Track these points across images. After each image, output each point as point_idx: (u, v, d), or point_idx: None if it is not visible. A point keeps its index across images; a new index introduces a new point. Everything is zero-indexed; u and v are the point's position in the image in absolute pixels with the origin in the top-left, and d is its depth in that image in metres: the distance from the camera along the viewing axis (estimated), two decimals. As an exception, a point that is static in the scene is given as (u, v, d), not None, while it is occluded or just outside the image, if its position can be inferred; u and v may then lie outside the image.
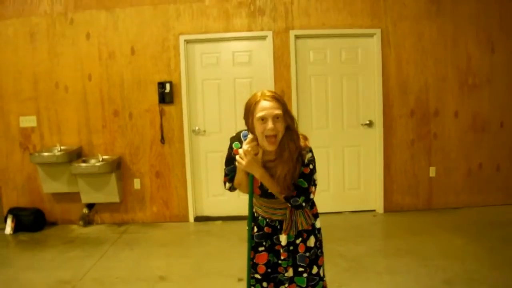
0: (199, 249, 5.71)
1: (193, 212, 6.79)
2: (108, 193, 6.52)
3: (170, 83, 6.52)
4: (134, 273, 4.95)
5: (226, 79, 6.61)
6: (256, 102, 2.58)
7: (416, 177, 6.80)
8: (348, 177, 6.86)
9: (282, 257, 2.81)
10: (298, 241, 2.83)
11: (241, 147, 2.70)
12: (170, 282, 4.72)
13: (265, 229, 2.88)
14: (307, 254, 2.84)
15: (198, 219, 6.80)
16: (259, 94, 2.60)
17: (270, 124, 2.52)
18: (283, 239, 2.79)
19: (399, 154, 6.74)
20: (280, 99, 2.59)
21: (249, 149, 2.59)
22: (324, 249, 2.99)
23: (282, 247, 2.80)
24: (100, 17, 6.54)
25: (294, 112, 6.45)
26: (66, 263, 5.32)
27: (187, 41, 6.55)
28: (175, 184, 6.74)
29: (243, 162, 2.61)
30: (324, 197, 6.75)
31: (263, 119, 2.54)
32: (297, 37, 6.55)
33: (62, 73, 6.62)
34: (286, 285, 2.85)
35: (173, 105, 6.59)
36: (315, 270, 2.88)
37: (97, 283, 4.70)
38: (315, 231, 2.89)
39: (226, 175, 2.91)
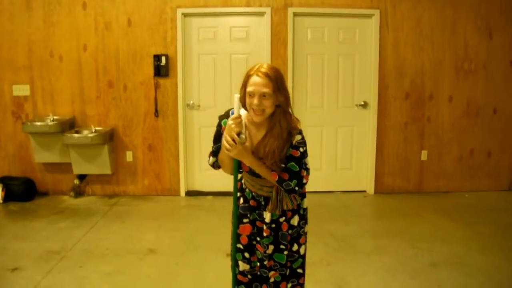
0: (189, 223, 5.73)
1: (185, 186, 6.80)
2: (100, 165, 6.50)
3: (166, 56, 6.48)
4: (124, 245, 4.95)
5: (222, 54, 6.57)
6: (249, 76, 2.56)
7: (408, 160, 6.83)
8: (341, 157, 6.89)
9: (264, 234, 2.81)
10: (281, 220, 2.83)
11: None
12: (160, 254, 4.73)
13: (251, 202, 2.88)
14: (289, 231, 2.85)
15: (189, 193, 6.81)
16: (255, 67, 2.57)
17: (255, 100, 2.51)
18: (267, 216, 2.80)
19: (392, 136, 6.76)
20: (272, 77, 2.53)
21: (233, 125, 2.56)
22: (315, 228, 3.03)
23: (266, 224, 2.81)
24: (97, -13, 6.48)
25: (289, 90, 6.42)
26: (56, 233, 5.31)
27: (185, 14, 6.49)
28: (168, 157, 6.73)
29: (232, 152, 2.59)
30: (316, 176, 6.74)
31: (251, 94, 2.53)
32: (295, 14, 6.51)
33: (57, 43, 6.55)
34: (266, 261, 2.86)
35: (168, 79, 6.56)
36: (295, 247, 2.89)
37: (87, 254, 4.70)
38: (299, 210, 2.88)
39: (212, 152, 2.92)
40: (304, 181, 2.69)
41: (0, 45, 6.54)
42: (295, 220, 2.85)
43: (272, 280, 2.90)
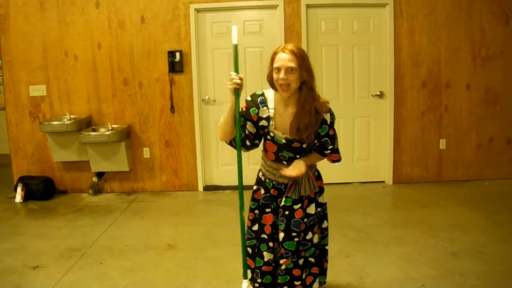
0: (207, 218, 5.74)
1: (202, 181, 6.82)
2: (118, 162, 6.54)
3: (180, 52, 6.49)
4: (143, 241, 4.98)
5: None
6: (275, 53, 2.76)
7: (426, 149, 6.77)
8: (358, 148, 6.85)
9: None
10: (296, 207, 2.91)
11: (257, 113, 2.85)
12: (179, 250, 4.75)
13: (271, 191, 2.98)
14: (305, 220, 2.94)
15: (207, 188, 6.83)
16: (281, 46, 2.78)
17: (281, 74, 2.68)
18: (282, 200, 2.93)
19: (410, 126, 6.70)
20: (297, 53, 2.70)
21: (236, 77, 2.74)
22: (333, 220, 3.05)
23: (280, 208, 2.94)
24: (109, -15, 6.50)
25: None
26: (76, 231, 5.36)
27: (198, 10, 6.49)
28: (185, 153, 6.75)
29: (294, 172, 2.78)
30: (334, 168, 6.68)
31: (278, 69, 2.69)
32: (308, 6, 6.47)
33: (72, 42, 6.59)
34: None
35: (183, 74, 6.56)
36: (309, 236, 2.97)
37: (107, 251, 4.73)
38: (317, 201, 3.02)
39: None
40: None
41: (15, 46, 6.59)
42: (311, 209, 2.97)
43: (283, 267, 2.96)
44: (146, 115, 6.68)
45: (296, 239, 2.91)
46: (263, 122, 2.84)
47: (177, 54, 6.48)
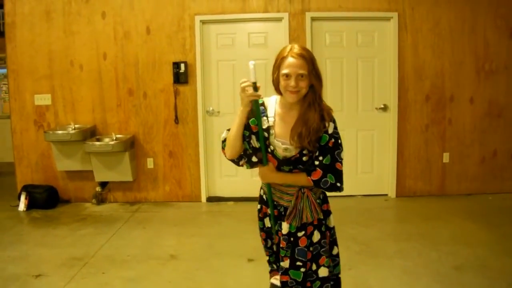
0: (210, 229, 5.74)
1: (206, 192, 6.82)
2: (121, 172, 6.55)
3: (185, 63, 6.52)
4: (145, 251, 4.98)
5: (241, 61, 6.56)
6: (283, 58, 2.55)
7: (429, 163, 6.77)
8: (361, 161, 6.85)
9: (281, 246, 2.71)
10: (300, 234, 2.67)
11: (256, 124, 2.63)
12: (181, 260, 4.75)
13: (274, 211, 2.78)
14: (311, 248, 2.68)
15: (211, 199, 6.83)
16: (288, 49, 2.56)
17: (292, 82, 2.49)
18: (284, 227, 2.69)
19: (413, 139, 6.70)
20: (307, 58, 2.52)
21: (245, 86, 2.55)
22: (336, 232, 2.88)
23: (282, 235, 2.70)
24: (116, -4, 6.55)
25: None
26: (79, 240, 5.36)
27: (203, 22, 6.53)
28: (188, 164, 6.76)
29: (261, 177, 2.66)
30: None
31: (287, 75, 2.51)
32: (313, 19, 6.51)
33: (77, 52, 6.63)
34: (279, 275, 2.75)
35: (187, 85, 6.59)
36: (314, 267, 2.71)
37: (109, 261, 4.73)
38: (321, 227, 2.72)
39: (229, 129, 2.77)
40: (341, 173, 2.61)
41: (21, 55, 6.63)
42: (315, 237, 2.70)
43: None
44: (151, 126, 6.70)
45: (302, 269, 2.67)
46: (264, 134, 2.64)
47: (182, 65, 6.51)
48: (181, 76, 6.54)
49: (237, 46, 6.63)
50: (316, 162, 2.55)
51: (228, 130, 2.73)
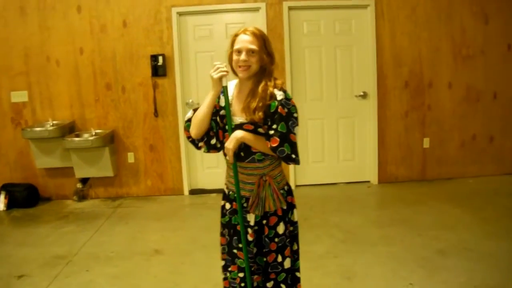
0: (194, 222, 5.72)
1: (188, 185, 6.80)
2: (102, 167, 6.49)
3: (163, 56, 6.47)
4: (129, 247, 4.96)
5: (219, 52, 6.50)
6: (236, 35, 2.65)
7: (410, 148, 6.82)
8: (343, 149, 6.87)
9: (250, 238, 2.68)
10: (264, 222, 2.69)
11: (218, 102, 2.70)
12: (166, 255, 4.74)
13: (233, 204, 2.77)
14: (276, 239, 2.70)
15: (193, 192, 6.81)
16: (242, 28, 2.67)
17: (242, 56, 2.57)
18: (251, 218, 2.68)
19: (393, 126, 6.75)
20: (258, 35, 2.61)
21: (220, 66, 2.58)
22: (320, 220, 2.90)
23: (251, 227, 2.68)
24: (91, -11, 6.46)
25: (287, 84, 6.43)
26: (61, 238, 5.32)
27: (180, 13, 6.48)
28: (169, 157, 6.72)
29: (229, 145, 2.59)
30: (319, 169, 6.80)
31: (239, 51, 2.59)
32: (290, 8, 6.49)
33: (53, 47, 6.54)
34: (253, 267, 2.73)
35: (166, 78, 6.54)
36: (279, 259, 2.71)
37: (93, 258, 4.70)
38: (286, 219, 2.73)
39: (194, 109, 2.81)
40: (296, 144, 2.59)
41: (-4, 52, 6.53)
42: (280, 228, 2.70)
43: (255, 284, 2.76)
44: (130, 120, 6.64)
45: (264, 259, 2.71)
46: (223, 112, 2.68)
47: (160, 58, 6.46)
48: (159, 69, 6.49)
49: (215, 37, 6.60)
50: (271, 132, 2.55)
51: (194, 110, 2.77)
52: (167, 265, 4.48)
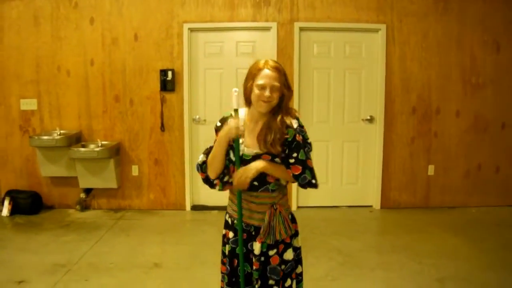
0: (194, 237, 5.72)
1: (190, 201, 6.80)
2: (106, 179, 6.52)
3: (172, 71, 6.51)
4: (129, 259, 4.97)
5: (228, 69, 6.57)
6: (259, 69, 2.62)
7: (414, 175, 6.79)
8: (347, 172, 6.86)
9: (254, 267, 2.68)
10: (271, 253, 2.69)
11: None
12: (165, 269, 4.74)
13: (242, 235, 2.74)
14: (282, 267, 2.72)
15: (195, 207, 6.81)
16: (262, 62, 2.64)
17: (267, 93, 2.57)
18: (256, 247, 2.67)
19: (399, 151, 6.73)
20: (281, 71, 2.64)
21: (235, 122, 2.59)
22: (320, 243, 2.93)
23: (255, 256, 2.68)
24: (104, 2, 6.50)
25: (295, 104, 6.44)
26: (62, 246, 5.33)
27: (191, 29, 6.52)
28: (173, 172, 6.74)
29: (239, 176, 2.59)
30: (322, 191, 6.75)
31: (263, 87, 2.58)
32: (301, 29, 6.52)
33: (65, 57, 6.60)
34: None
35: (174, 93, 6.58)
36: (288, 283, 2.75)
37: (92, 268, 4.71)
38: (292, 246, 2.77)
39: (206, 150, 2.81)
40: (314, 170, 2.66)
41: (7, 59, 6.60)
42: (289, 254, 2.74)
43: None
44: (136, 133, 6.67)
45: None
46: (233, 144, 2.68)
47: (169, 73, 6.50)
48: (168, 83, 6.53)
49: (225, 55, 6.63)
50: (292, 160, 2.61)
51: (205, 154, 2.77)
52: (166, 280, 4.49)
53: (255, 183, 2.64)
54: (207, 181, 2.78)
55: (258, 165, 2.59)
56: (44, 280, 4.39)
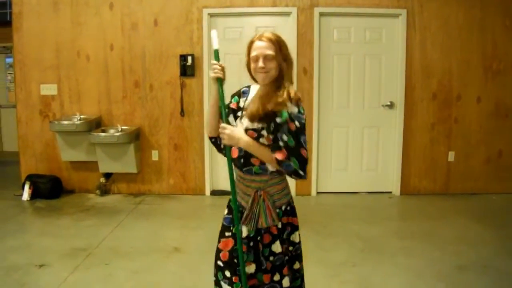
0: (214, 222, 5.64)
1: (210, 186, 6.83)
2: (126, 164, 6.55)
3: (192, 56, 6.51)
4: (149, 244, 4.98)
5: (248, 55, 6.55)
6: (252, 42, 2.61)
7: (435, 161, 6.75)
8: (366, 158, 6.84)
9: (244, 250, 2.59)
10: (258, 238, 2.59)
11: (238, 101, 2.72)
12: (185, 253, 4.75)
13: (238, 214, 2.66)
14: (270, 258, 2.58)
15: (214, 192, 6.83)
16: (257, 35, 2.61)
17: (260, 63, 2.51)
18: (244, 230, 2.58)
19: (419, 137, 6.69)
20: (274, 40, 2.55)
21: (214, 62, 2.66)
22: (340, 228, 2.82)
23: (242, 238, 2.57)
24: (124, -13, 6.53)
25: (315, 90, 6.43)
26: (82, 231, 5.36)
27: (211, 15, 6.52)
28: (193, 157, 6.75)
29: (225, 137, 2.51)
30: (342, 177, 6.77)
31: (256, 58, 2.54)
32: (321, 14, 6.48)
33: (84, 43, 6.63)
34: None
35: (194, 78, 6.58)
36: (277, 277, 2.58)
37: (112, 252, 4.73)
38: (283, 238, 2.62)
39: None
40: (306, 161, 2.43)
41: (28, 45, 6.63)
42: (277, 247, 2.58)
43: None
44: (156, 118, 6.69)
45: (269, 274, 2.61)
46: (240, 114, 2.66)
47: (189, 58, 6.50)
48: (188, 69, 6.53)
49: (245, 40, 6.52)
50: (281, 143, 2.40)
51: None
52: (186, 264, 4.49)
53: (242, 160, 2.58)
54: (211, 139, 2.81)
55: (242, 137, 2.50)
56: (65, 264, 4.41)
